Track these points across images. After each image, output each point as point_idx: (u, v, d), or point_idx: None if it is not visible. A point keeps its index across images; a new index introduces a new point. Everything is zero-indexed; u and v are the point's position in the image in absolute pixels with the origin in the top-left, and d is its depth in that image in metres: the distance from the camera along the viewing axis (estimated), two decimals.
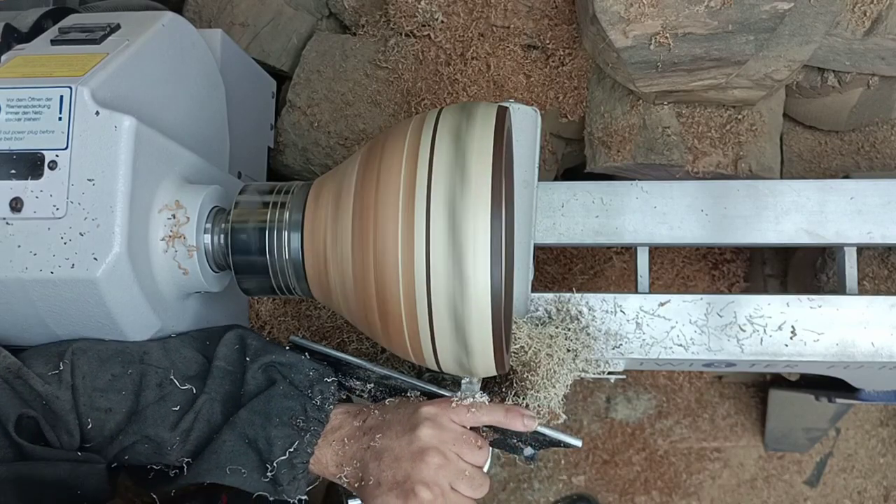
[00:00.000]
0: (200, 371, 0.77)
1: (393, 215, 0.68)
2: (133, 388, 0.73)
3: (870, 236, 0.98)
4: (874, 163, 1.26)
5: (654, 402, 1.77)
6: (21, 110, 0.71)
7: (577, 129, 1.22)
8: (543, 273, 1.57)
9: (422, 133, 0.71)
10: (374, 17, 1.26)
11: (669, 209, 1.00)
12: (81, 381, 0.72)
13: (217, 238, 0.80)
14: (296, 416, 0.74)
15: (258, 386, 0.76)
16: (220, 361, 0.77)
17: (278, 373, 0.77)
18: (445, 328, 0.69)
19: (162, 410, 0.73)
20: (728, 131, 1.08)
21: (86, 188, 0.70)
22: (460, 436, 0.73)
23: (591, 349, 0.92)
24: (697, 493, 1.75)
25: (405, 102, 1.20)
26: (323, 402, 0.76)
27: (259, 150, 1.18)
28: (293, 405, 0.74)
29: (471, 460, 0.72)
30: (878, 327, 0.94)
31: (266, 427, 0.73)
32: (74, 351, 0.73)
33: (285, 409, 0.74)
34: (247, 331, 0.81)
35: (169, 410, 0.73)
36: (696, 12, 0.90)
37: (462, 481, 0.71)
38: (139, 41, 0.79)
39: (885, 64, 1.07)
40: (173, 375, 0.74)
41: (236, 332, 0.80)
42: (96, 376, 0.73)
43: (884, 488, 1.74)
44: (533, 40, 1.19)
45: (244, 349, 0.78)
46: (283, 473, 0.72)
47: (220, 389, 0.75)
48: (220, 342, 0.78)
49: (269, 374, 0.77)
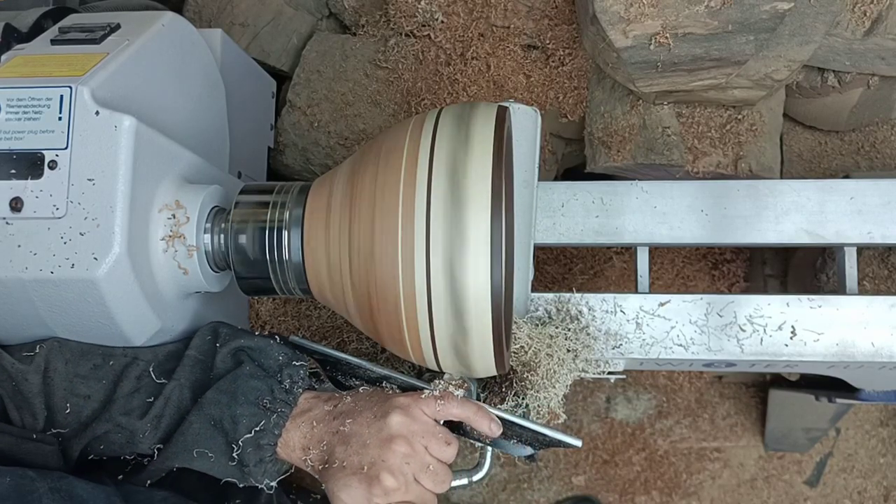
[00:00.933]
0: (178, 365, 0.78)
1: (393, 215, 0.68)
2: (113, 377, 0.74)
3: (870, 236, 0.98)
4: (874, 163, 1.26)
5: (654, 402, 1.77)
6: (21, 110, 0.71)
7: (577, 129, 1.22)
8: (543, 273, 1.57)
9: (422, 133, 0.71)
10: (374, 17, 1.26)
11: (669, 209, 1.00)
12: (63, 367, 0.74)
13: (217, 238, 0.80)
14: (262, 395, 0.73)
15: (227, 369, 0.77)
16: (192, 351, 0.77)
17: (247, 356, 0.77)
18: (445, 328, 0.69)
19: (134, 401, 0.74)
20: (728, 131, 1.08)
21: (86, 188, 0.70)
22: (430, 429, 0.72)
23: (591, 349, 0.92)
24: (697, 493, 1.75)
25: (405, 102, 1.20)
26: (292, 385, 0.75)
27: (259, 150, 1.18)
28: (260, 385, 0.74)
29: (437, 454, 0.72)
30: (878, 327, 0.94)
31: (231, 406, 0.72)
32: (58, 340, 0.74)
33: (251, 389, 0.74)
34: (222, 322, 0.81)
35: (143, 401, 0.74)
36: (696, 12, 0.90)
37: (425, 474, 0.71)
38: (139, 41, 0.79)
39: (885, 64, 1.07)
40: (152, 368, 0.75)
41: (211, 324, 0.80)
42: (78, 363, 0.74)
43: (884, 488, 1.74)
44: (533, 40, 1.19)
45: (216, 338, 0.79)
46: (248, 453, 0.71)
47: (189, 377, 0.75)
48: (196, 334, 0.79)
49: (238, 357, 0.77)
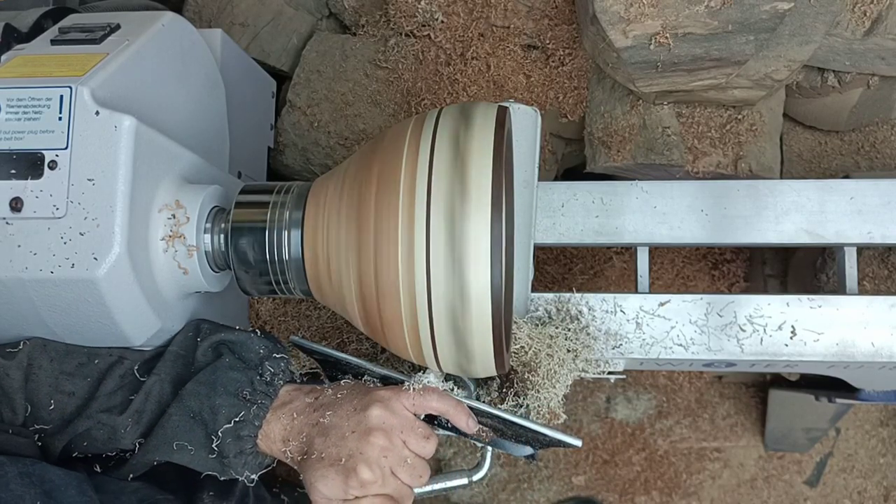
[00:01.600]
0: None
1: (393, 215, 0.68)
2: (98, 375, 0.75)
3: (870, 236, 0.98)
4: (874, 163, 1.26)
5: (654, 402, 1.77)
6: (21, 110, 0.71)
7: (577, 129, 1.22)
8: (543, 273, 1.57)
9: (422, 133, 0.71)
10: (374, 17, 1.26)
11: (669, 209, 1.00)
12: (49, 364, 0.74)
13: (217, 238, 0.80)
14: (242, 387, 0.74)
15: (207, 363, 0.77)
16: (174, 347, 0.78)
17: (228, 349, 0.78)
18: (445, 328, 0.69)
19: (116, 398, 0.74)
20: (728, 131, 1.08)
21: (86, 188, 0.70)
22: (409, 423, 0.73)
23: (591, 349, 0.92)
24: (697, 493, 1.75)
25: (405, 102, 1.20)
26: (273, 377, 0.76)
27: (259, 150, 1.18)
28: (239, 377, 0.74)
29: (415, 449, 0.72)
30: (878, 327, 0.94)
31: (211, 397, 0.73)
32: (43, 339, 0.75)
33: (231, 380, 0.74)
34: (204, 319, 0.82)
35: (125, 398, 0.74)
36: (696, 12, 0.90)
37: (403, 468, 0.71)
38: (139, 41, 0.79)
39: (885, 64, 1.07)
40: (136, 367, 0.76)
41: (194, 321, 0.81)
42: (63, 361, 0.75)
43: (884, 488, 1.74)
44: (533, 40, 1.19)
45: (197, 333, 0.79)
46: (228, 444, 0.72)
47: (170, 371, 0.76)
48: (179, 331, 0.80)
49: (219, 350, 0.78)
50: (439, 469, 1.72)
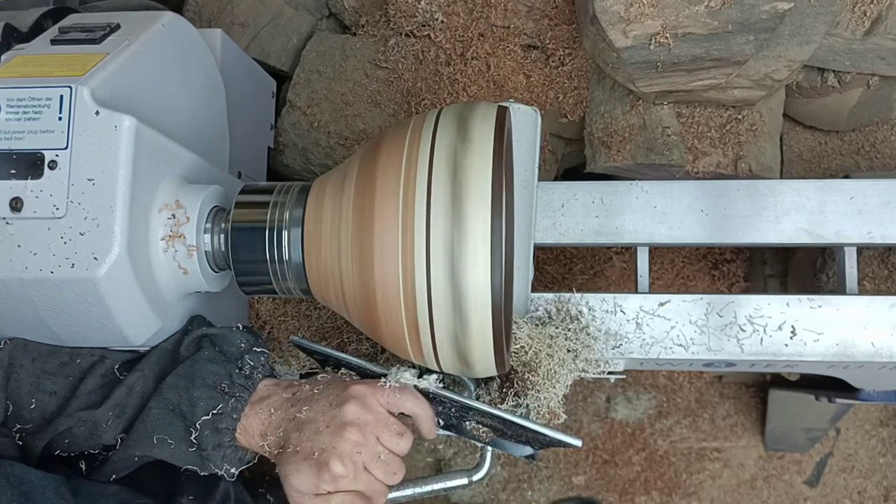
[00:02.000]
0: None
1: (393, 215, 0.68)
2: (79, 374, 0.75)
3: (870, 236, 0.98)
4: (874, 163, 1.26)
5: (654, 402, 1.77)
6: (21, 110, 0.71)
7: (577, 129, 1.22)
8: (543, 273, 1.57)
9: (422, 133, 0.71)
10: (374, 17, 1.26)
11: (669, 209, 1.00)
12: (30, 363, 0.74)
13: (217, 238, 0.80)
14: (220, 379, 0.74)
15: (188, 356, 0.77)
16: (164, 343, 0.79)
17: (209, 342, 0.78)
18: (445, 328, 0.69)
19: (95, 397, 0.74)
20: (728, 131, 1.08)
21: (86, 188, 0.70)
22: (383, 419, 0.73)
23: (591, 349, 0.92)
24: (697, 493, 1.75)
25: (405, 102, 1.20)
26: (252, 371, 0.76)
27: (259, 150, 1.18)
28: (218, 370, 0.75)
29: (389, 445, 0.72)
30: (878, 327, 0.94)
31: (189, 389, 0.73)
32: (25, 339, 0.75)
33: (209, 373, 0.74)
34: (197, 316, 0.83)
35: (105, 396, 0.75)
36: (696, 12, 0.90)
37: (376, 464, 0.71)
38: (139, 41, 0.79)
39: (885, 64, 1.07)
40: (117, 367, 0.76)
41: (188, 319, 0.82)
42: (45, 360, 0.75)
43: (884, 488, 1.74)
44: (533, 40, 1.19)
45: (185, 330, 0.80)
46: (206, 437, 0.72)
47: (154, 367, 0.76)
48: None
49: (200, 344, 0.78)
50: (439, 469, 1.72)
